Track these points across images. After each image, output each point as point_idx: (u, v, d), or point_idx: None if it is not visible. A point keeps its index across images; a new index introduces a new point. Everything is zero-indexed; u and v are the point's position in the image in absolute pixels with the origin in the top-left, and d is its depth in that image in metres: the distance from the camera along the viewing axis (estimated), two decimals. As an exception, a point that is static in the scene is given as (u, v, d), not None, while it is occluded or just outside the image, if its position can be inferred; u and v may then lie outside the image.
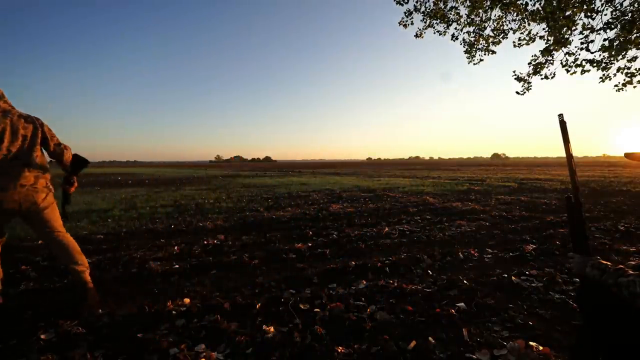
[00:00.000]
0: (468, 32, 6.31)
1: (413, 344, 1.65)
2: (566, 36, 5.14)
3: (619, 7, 4.61)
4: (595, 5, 4.73)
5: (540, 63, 5.77)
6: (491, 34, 6.19)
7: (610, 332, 1.00)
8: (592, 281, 1.07)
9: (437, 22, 6.23)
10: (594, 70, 5.17)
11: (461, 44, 6.47)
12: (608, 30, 4.67)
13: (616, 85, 5.33)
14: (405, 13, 6.17)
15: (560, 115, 1.16)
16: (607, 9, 4.70)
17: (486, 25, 6.10)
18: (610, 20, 4.63)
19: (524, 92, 6.29)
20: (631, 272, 0.94)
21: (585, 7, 4.77)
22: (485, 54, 6.50)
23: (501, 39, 6.23)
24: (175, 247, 3.57)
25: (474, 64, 6.69)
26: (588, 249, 1.14)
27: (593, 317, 1.07)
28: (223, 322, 1.87)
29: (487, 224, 4.71)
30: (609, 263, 1.04)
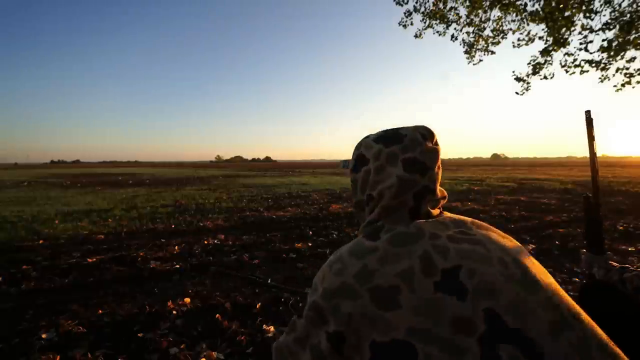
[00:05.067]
0: (467, 33, 6.31)
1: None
2: (565, 37, 5.15)
3: (618, 7, 4.62)
4: (594, 6, 4.74)
5: (539, 63, 5.78)
6: (490, 34, 6.19)
7: (613, 332, 1.01)
8: (597, 279, 1.08)
9: (437, 22, 6.23)
10: (592, 70, 5.18)
11: (461, 44, 6.47)
12: (607, 31, 4.68)
13: (615, 86, 5.34)
14: (404, 13, 6.17)
15: (588, 112, 1.11)
16: (605, 10, 4.71)
17: (485, 25, 6.11)
18: (609, 20, 4.64)
19: (524, 93, 6.30)
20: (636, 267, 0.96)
21: (584, 7, 4.78)
22: (484, 54, 6.51)
23: (500, 40, 6.24)
24: (176, 247, 3.57)
25: (474, 64, 6.70)
26: (604, 249, 1.14)
27: (596, 317, 1.08)
28: (223, 322, 1.88)
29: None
30: (616, 264, 1.06)
